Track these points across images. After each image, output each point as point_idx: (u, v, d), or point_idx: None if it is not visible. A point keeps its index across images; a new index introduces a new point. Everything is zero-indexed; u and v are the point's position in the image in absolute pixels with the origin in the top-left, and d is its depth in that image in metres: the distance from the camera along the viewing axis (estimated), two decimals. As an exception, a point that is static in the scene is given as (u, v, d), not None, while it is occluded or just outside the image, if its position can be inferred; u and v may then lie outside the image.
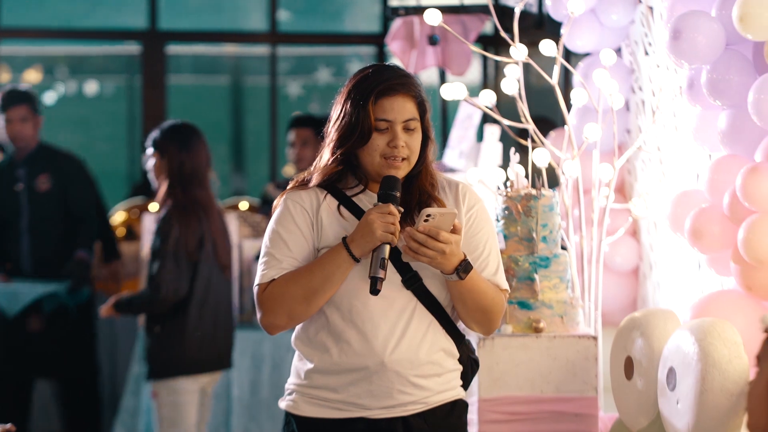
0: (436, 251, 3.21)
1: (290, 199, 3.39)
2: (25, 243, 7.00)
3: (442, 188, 3.43)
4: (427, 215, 3.19)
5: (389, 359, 3.29)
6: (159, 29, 9.19)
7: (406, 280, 3.32)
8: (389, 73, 3.36)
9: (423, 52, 6.68)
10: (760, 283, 3.95)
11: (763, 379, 2.52)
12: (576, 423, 4.17)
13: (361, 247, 3.26)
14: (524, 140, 4.60)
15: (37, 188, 6.99)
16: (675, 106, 4.82)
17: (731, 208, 3.99)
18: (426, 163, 3.40)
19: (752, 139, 4.02)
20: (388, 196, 3.28)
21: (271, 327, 3.36)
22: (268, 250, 3.36)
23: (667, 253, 5.08)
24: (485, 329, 3.43)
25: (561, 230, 4.36)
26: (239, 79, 11.80)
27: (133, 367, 6.86)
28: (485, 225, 3.43)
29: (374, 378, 3.30)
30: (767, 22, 3.83)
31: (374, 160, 3.33)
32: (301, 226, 3.35)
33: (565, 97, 4.76)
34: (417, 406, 3.34)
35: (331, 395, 3.34)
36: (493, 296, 3.37)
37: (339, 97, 3.40)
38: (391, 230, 3.23)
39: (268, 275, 3.33)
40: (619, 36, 5.34)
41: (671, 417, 3.75)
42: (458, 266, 3.26)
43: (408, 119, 3.32)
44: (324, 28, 11.11)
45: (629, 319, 4.08)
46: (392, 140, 3.31)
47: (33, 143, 7.09)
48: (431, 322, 3.35)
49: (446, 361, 3.38)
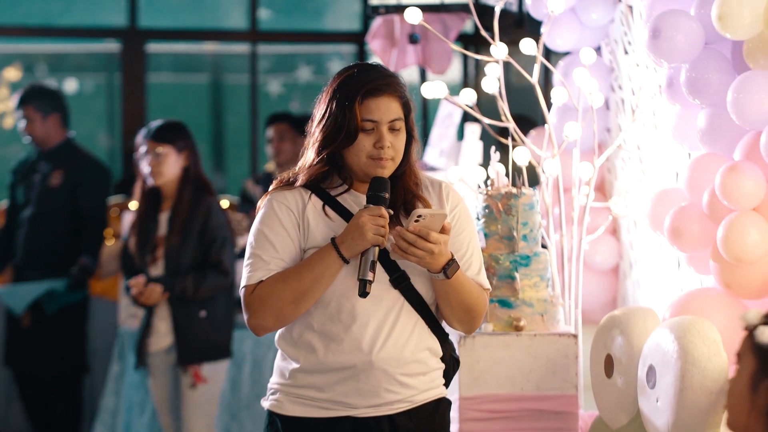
0: (425, 251, 3.22)
1: (275, 200, 3.38)
2: (22, 233, 7.05)
3: (425, 187, 3.44)
4: (418, 216, 3.20)
5: (376, 358, 3.30)
6: (139, 27, 9.16)
7: (393, 279, 3.33)
8: (375, 73, 3.36)
9: (403, 50, 6.68)
10: (739, 281, 3.97)
11: (742, 376, 2.53)
12: (556, 421, 4.18)
13: (351, 248, 3.26)
14: (505, 139, 4.61)
15: (49, 183, 7.05)
16: (654, 104, 4.84)
17: (710, 207, 4.00)
18: (410, 163, 3.41)
19: (731, 137, 4.03)
20: (378, 198, 3.28)
21: (258, 329, 3.36)
22: (254, 251, 3.35)
23: (646, 252, 5.09)
24: (468, 328, 3.44)
25: (541, 229, 4.37)
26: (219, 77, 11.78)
27: (113, 366, 6.84)
28: (468, 225, 3.45)
29: (361, 376, 3.30)
30: (746, 21, 3.84)
31: (360, 161, 3.33)
32: (287, 226, 3.35)
33: (545, 96, 4.77)
34: (403, 405, 3.34)
35: (317, 394, 3.34)
36: (477, 295, 3.38)
37: (323, 97, 3.39)
38: (381, 233, 3.24)
39: (255, 276, 3.32)
40: (599, 35, 5.35)
41: (651, 415, 3.76)
42: (445, 265, 3.27)
43: (393, 119, 3.33)
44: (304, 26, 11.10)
45: (609, 318, 4.10)
46: (378, 141, 3.31)
47: (52, 139, 7.16)
48: (417, 320, 3.35)
49: (431, 359, 3.39)
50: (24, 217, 7.06)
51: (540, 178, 4.72)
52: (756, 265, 3.91)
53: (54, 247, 6.98)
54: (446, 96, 4.78)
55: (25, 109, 7.11)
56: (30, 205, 7.06)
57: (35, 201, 7.04)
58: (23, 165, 7.24)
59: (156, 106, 9.58)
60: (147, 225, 5.75)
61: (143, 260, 5.71)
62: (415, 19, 4.78)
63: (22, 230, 7.04)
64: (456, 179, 4.85)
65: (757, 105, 3.84)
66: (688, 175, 4.18)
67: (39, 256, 6.98)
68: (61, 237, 7.00)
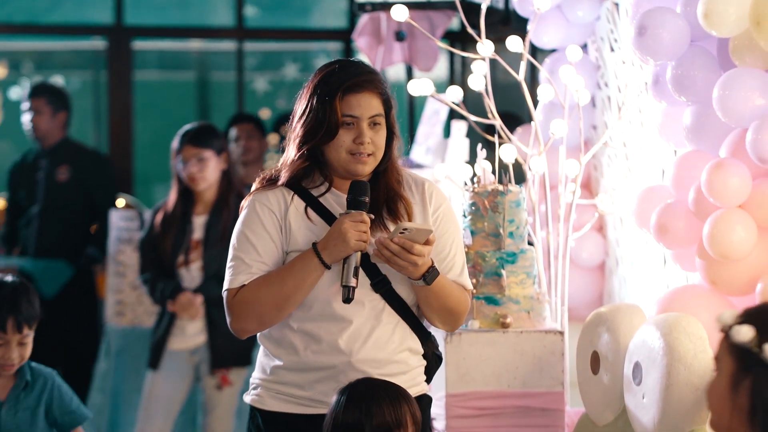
0: (408, 263, 3.23)
1: (258, 201, 3.38)
2: (33, 228, 7.10)
3: (408, 185, 3.44)
4: (403, 229, 3.20)
5: (356, 359, 3.30)
6: (125, 24, 9.13)
7: (375, 283, 3.33)
8: (355, 69, 3.36)
9: (390, 48, 6.68)
10: (725, 278, 3.98)
11: (722, 378, 2.53)
12: (542, 418, 4.18)
13: (333, 255, 3.26)
14: (491, 136, 4.61)
15: (56, 178, 7.11)
16: (640, 102, 4.84)
17: (696, 204, 4.01)
18: (392, 160, 3.40)
19: (717, 135, 4.04)
20: (358, 203, 3.28)
21: (241, 332, 3.37)
22: (237, 254, 3.35)
23: (632, 249, 5.10)
24: (450, 327, 3.46)
25: (528, 226, 4.37)
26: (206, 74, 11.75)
27: (100, 363, 6.83)
28: (451, 226, 3.45)
29: (341, 377, 3.30)
30: (732, 19, 3.85)
31: (340, 156, 3.33)
32: (269, 229, 3.34)
33: (531, 93, 4.77)
34: None
35: (297, 392, 3.34)
36: (458, 297, 3.39)
37: (304, 92, 3.39)
38: (364, 239, 3.24)
39: (238, 280, 3.32)
40: (585, 32, 5.36)
41: (637, 411, 3.77)
42: (425, 273, 3.28)
43: (374, 115, 3.33)
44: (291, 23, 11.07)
45: (595, 315, 4.10)
46: (358, 136, 3.31)
47: (54, 136, 7.24)
48: (398, 322, 3.36)
49: (411, 359, 3.40)
50: (32, 213, 7.12)
51: (526, 175, 4.73)
52: (742, 262, 3.92)
53: (65, 240, 7.03)
54: (432, 93, 4.78)
55: (36, 101, 7.21)
56: (37, 203, 7.13)
57: (43, 197, 7.11)
58: (21, 166, 7.28)
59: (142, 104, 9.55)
60: (183, 227, 5.73)
61: (175, 261, 5.70)
62: (401, 17, 4.78)
63: (33, 227, 7.11)
64: (442, 176, 4.85)
65: (742, 102, 3.84)
66: (674, 173, 4.18)
67: (50, 250, 7.01)
68: (72, 230, 7.05)
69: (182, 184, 5.76)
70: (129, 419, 6.62)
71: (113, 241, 6.88)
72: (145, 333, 6.39)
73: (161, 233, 5.75)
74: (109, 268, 6.84)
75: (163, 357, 5.75)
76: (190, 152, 5.71)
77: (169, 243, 5.72)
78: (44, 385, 3.89)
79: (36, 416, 3.87)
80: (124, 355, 6.78)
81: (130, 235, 6.86)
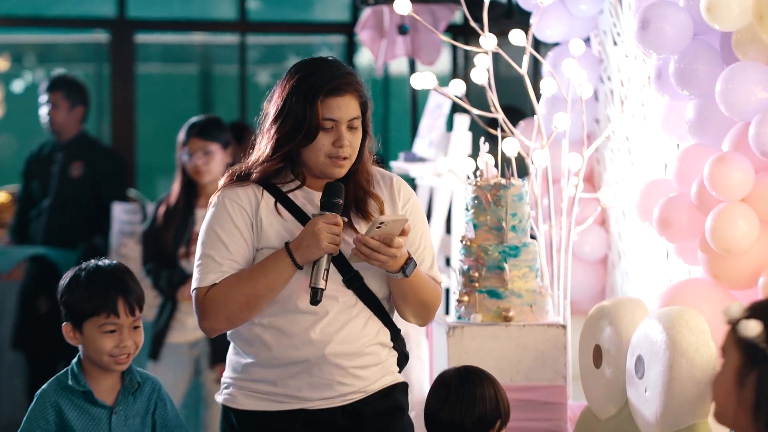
0: (388, 256, 3.22)
1: (227, 198, 3.33)
2: (42, 222, 7.12)
3: (376, 182, 3.43)
4: (380, 222, 3.19)
5: (328, 352, 3.28)
6: (127, 18, 9.14)
7: (347, 279, 3.32)
8: (335, 70, 3.32)
9: (392, 41, 6.67)
10: (727, 271, 3.98)
11: (728, 371, 2.53)
12: (545, 411, 4.18)
13: (305, 256, 3.23)
14: (494, 130, 4.61)
15: (69, 173, 7.12)
16: (643, 95, 4.84)
17: (699, 198, 4.01)
18: (363, 160, 3.38)
19: (720, 128, 4.04)
20: (332, 205, 3.26)
21: (210, 331, 3.35)
22: (206, 252, 3.31)
23: (635, 243, 5.10)
24: (422, 321, 3.45)
25: (530, 219, 4.38)
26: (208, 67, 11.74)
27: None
28: (419, 219, 3.45)
29: (314, 370, 3.29)
30: (734, 13, 3.85)
31: (318, 159, 3.30)
32: (240, 227, 3.30)
33: (534, 87, 4.77)
34: (357, 395, 3.34)
35: (270, 388, 3.32)
36: (431, 290, 3.39)
37: (279, 91, 3.34)
38: (336, 241, 3.22)
39: (208, 279, 3.28)
40: (588, 26, 5.35)
41: (639, 405, 3.77)
42: (404, 265, 3.27)
43: (352, 118, 3.31)
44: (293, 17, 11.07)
45: (598, 308, 4.10)
46: (337, 140, 3.28)
47: (70, 131, 7.23)
48: (370, 316, 3.35)
49: (382, 351, 3.39)
50: (43, 206, 7.13)
51: (529, 169, 4.73)
52: (744, 256, 3.93)
53: (73, 234, 7.03)
54: (435, 87, 4.79)
55: (53, 95, 7.21)
56: (49, 196, 7.14)
57: (54, 191, 7.12)
58: (36, 157, 7.30)
59: (145, 97, 9.56)
60: (186, 218, 5.73)
61: (176, 252, 5.69)
62: (404, 10, 4.78)
63: (42, 219, 7.12)
64: (445, 170, 4.85)
65: (745, 96, 3.84)
66: (677, 166, 4.19)
67: (57, 244, 7.02)
68: (81, 224, 7.07)
69: (186, 176, 5.75)
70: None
71: (116, 234, 6.88)
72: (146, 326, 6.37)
73: (163, 225, 5.75)
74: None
75: (163, 350, 5.75)
76: (196, 145, 5.71)
77: (171, 234, 5.72)
78: (152, 390, 3.44)
79: (145, 425, 3.42)
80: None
81: (133, 228, 6.87)
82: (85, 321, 3.33)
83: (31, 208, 7.24)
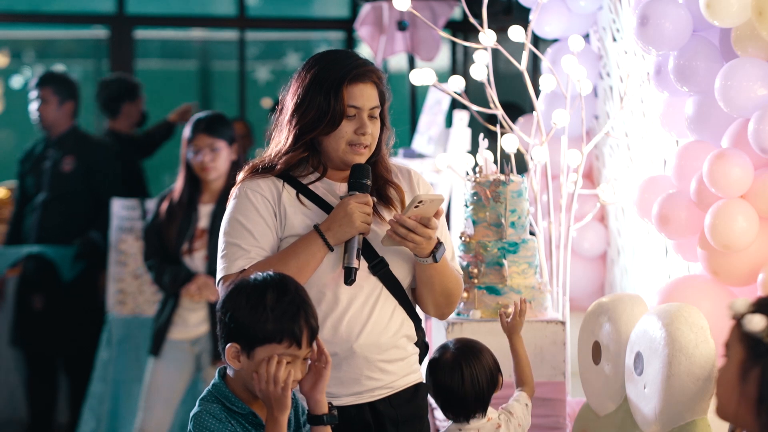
0: (424, 237, 3.22)
1: (249, 189, 3.35)
2: (35, 217, 7.12)
3: (395, 175, 3.45)
4: (418, 201, 3.20)
5: (357, 345, 3.29)
6: (127, 13, 9.14)
7: (372, 266, 3.32)
8: (357, 59, 3.36)
9: (392, 37, 6.68)
10: (726, 268, 3.98)
11: (731, 365, 2.54)
12: (544, 407, 4.18)
13: (338, 236, 3.24)
14: (493, 126, 4.61)
15: (61, 168, 7.12)
16: (642, 92, 4.84)
17: (698, 194, 4.01)
18: (382, 151, 3.41)
19: (719, 125, 4.04)
20: (362, 185, 3.28)
21: None
22: (231, 240, 3.31)
23: (634, 239, 5.10)
24: (443, 312, 3.46)
25: (529, 216, 4.38)
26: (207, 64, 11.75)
27: (102, 352, 6.83)
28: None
29: (343, 364, 3.30)
30: (734, 9, 3.85)
31: (339, 147, 3.32)
32: (264, 215, 3.32)
33: (533, 83, 4.77)
34: (383, 391, 3.35)
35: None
36: (455, 279, 3.40)
37: (298, 82, 3.36)
38: (368, 221, 3.24)
39: (237, 265, 3.28)
40: (588, 22, 5.36)
41: (638, 401, 3.77)
42: (434, 249, 3.28)
43: (373, 107, 3.34)
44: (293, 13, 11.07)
45: (597, 304, 4.10)
46: (360, 127, 3.31)
47: (61, 126, 7.24)
48: (395, 306, 3.36)
49: (408, 345, 3.40)
50: (37, 202, 7.13)
51: (528, 165, 4.73)
52: (743, 253, 3.92)
53: (67, 229, 7.03)
54: (434, 83, 4.78)
55: (43, 91, 7.22)
56: (42, 191, 7.14)
57: (48, 186, 7.12)
58: (30, 154, 7.31)
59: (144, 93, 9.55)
60: (189, 215, 5.72)
61: (179, 249, 5.69)
62: (403, 6, 4.78)
63: (35, 214, 7.12)
64: (444, 166, 4.85)
65: (744, 92, 3.84)
66: (676, 163, 4.18)
67: (51, 239, 7.02)
68: (75, 219, 7.07)
69: (190, 172, 5.74)
70: (130, 408, 6.63)
71: (115, 230, 6.89)
72: (147, 322, 6.40)
73: (166, 220, 5.74)
74: (111, 257, 6.85)
75: (165, 346, 5.75)
76: (203, 141, 5.70)
77: (174, 230, 5.71)
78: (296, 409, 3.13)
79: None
80: (126, 344, 6.78)
81: (132, 224, 6.87)
82: (260, 346, 2.93)
83: (27, 204, 7.24)
